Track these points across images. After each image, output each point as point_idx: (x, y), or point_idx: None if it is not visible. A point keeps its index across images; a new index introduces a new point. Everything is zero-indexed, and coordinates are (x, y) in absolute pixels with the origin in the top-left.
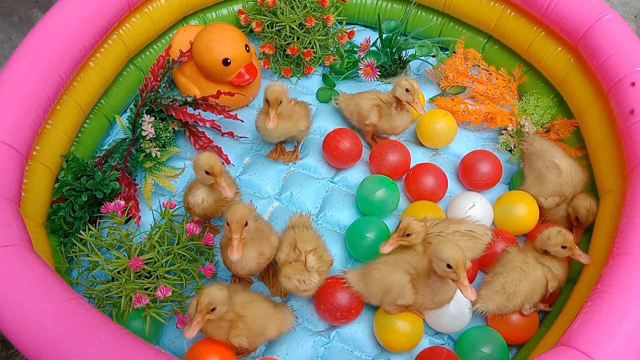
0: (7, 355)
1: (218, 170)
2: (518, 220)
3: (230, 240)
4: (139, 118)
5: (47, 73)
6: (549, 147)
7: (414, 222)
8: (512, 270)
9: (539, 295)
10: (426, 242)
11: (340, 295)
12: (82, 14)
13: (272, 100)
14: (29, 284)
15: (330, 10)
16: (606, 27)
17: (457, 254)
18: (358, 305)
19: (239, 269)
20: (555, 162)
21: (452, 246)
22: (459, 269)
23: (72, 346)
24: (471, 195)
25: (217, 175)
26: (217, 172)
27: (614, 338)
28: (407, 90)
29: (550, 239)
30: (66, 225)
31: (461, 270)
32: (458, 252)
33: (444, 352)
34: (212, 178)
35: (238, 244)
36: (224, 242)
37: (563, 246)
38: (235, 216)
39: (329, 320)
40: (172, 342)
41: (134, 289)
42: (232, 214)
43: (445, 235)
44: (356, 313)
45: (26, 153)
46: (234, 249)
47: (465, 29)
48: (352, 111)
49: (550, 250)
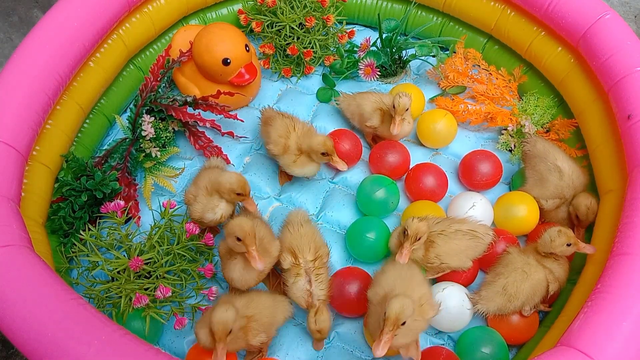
0: (7, 355)
1: (251, 237)
2: (518, 221)
3: (247, 254)
4: (139, 118)
5: (47, 73)
6: (552, 149)
7: (420, 224)
8: (514, 271)
9: (540, 296)
10: (429, 240)
11: (350, 287)
12: (82, 14)
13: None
14: (28, 284)
15: (330, 10)
16: (606, 27)
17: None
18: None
19: (240, 285)
20: (557, 164)
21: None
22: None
23: (72, 346)
24: (471, 196)
25: (248, 245)
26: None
27: (614, 338)
28: (393, 106)
29: (554, 241)
30: (66, 225)
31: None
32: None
33: (443, 352)
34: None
35: (257, 254)
36: (224, 253)
37: (568, 244)
38: (246, 229)
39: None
40: (172, 342)
41: (134, 289)
42: (240, 229)
43: (447, 234)
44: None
45: (26, 153)
46: (256, 260)
47: (465, 29)
48: (354, 111)
49: (557, 251)
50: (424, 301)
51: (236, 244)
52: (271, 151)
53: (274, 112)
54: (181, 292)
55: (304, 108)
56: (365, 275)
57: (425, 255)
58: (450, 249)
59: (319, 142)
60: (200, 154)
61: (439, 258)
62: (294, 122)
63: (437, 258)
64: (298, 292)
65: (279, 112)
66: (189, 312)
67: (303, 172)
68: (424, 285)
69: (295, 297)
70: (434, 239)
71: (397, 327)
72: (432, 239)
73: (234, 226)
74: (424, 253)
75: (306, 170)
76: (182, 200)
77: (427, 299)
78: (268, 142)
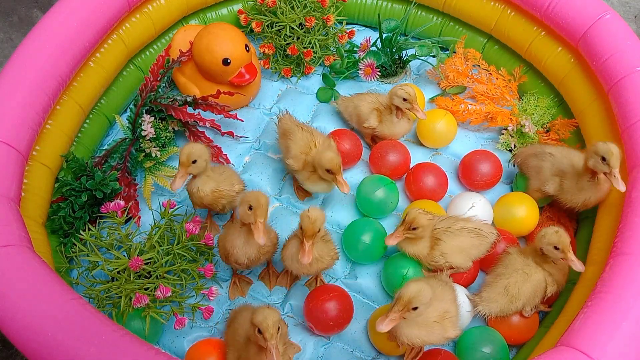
0: (7, 355)
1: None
2: (518, 221)
3: (254, 224)
4: (139, 118)
5: (47, 73)
6: (539, 145)
7: (420, 215)
8: (515, 272)
9: (540, 297)
10: (434, 237)
11: (330, 306)
12: (82, 14)
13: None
14: (28, 284)
15: (330, 10)
16: (606, 27)
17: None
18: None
19: (241, 255)
20: (546, 150)
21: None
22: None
23: (72, 346)
24: (470, 196)
25: (258, 215)
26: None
27: (614, 338)
28: (404, 100)
29: (545, 237)
30: (66, 225)
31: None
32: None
33: (441, 352)
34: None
35: (262, 227)
36: (224, 235)
37: (556, 247)
38: (261, 201)
39: (323, 331)
40: (172, 342)
41: (134, 289)
42: (256, 198)
43: (453, 231)
44: (348, 319)
45: (26, 153)
46: (260, 233)
47: (465, 29)
48: (351, 113)
49: (544, 249)
50: (447, 317)
51: (247, 212)
52: (290, 166)
53: (293, 123)
54: (181, 292)
55: (304, 108)
56: (341, 292)
57: (431, 252)
58: (455, 246)
59: (327, 159)
60: None
61: (444, 256)
62: (315, 138)
63: (442, 256)
64: None
65: (297, 123)
66: (189, 312)
67: (315, 188)
68: (454, 304)
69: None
70: (440, 236)
71: (407, 310)
72: (437, 237)
73: (250, 195)
74: (428, 251)
75: (318, 187)
76: (181, 200)
77: (452, 316)
78: (288, 157)
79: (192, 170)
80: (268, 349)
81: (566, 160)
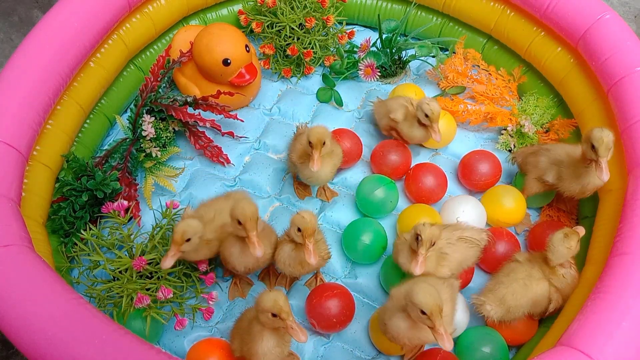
0: (7, 355)
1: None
2: (507, 212)
3: (248, 239)
4: (139, 118)
5: (48, 73)
6: (537, 145)
7: (434, 228)
8: (514, 282)
9: (540, 309)
10: (441, 252)
11: (333, 303)
12: (82, 14)
13: (315, 142)
14: (29, 283)
15: (330, 10)
16: (606, 27)
17: (432, 299)
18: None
19: (238, 264)
20: (543, 147)
21: (428, 289)
22: (435, 316)
23: (72, 346)
24: (459, 201)
25: (249, 229)
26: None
27: (614, 338)
28: (426, 116)
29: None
30: (67, 225)
31: (437, 317)
32: (433, 296)
33: (440, 352)
34: (243, 230)
35: (257, 240)
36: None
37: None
38: (247, 213)
39: (325, 328)
40: (172, 342)
41: (136, 288)
42: (242, 211)
43: (452, 242)
44: (350, 317)
45: (26, 153)
46: (255, 246)
47: (465, 29)
48: (382, 112)
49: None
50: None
51: (237, 227)
52: (291, 159)
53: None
54: (182, 293)
55: (304, 108)
56: (344, 290)
57: (437, 269)
58: (455, 258)
59: (314, 131)
60: (201, 153)
61: (451, 270)
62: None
63: (450, 270)
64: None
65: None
66: (189, 313)
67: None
68: (449, 303)
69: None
70: (445, 249)
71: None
72: (443, 251)
73: (236, 208)
74: (434, 266)
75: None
76: (182, 199)
77: (446, 315)
78: (292, 154)
79: (185, 249)
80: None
81: (562, 151)
